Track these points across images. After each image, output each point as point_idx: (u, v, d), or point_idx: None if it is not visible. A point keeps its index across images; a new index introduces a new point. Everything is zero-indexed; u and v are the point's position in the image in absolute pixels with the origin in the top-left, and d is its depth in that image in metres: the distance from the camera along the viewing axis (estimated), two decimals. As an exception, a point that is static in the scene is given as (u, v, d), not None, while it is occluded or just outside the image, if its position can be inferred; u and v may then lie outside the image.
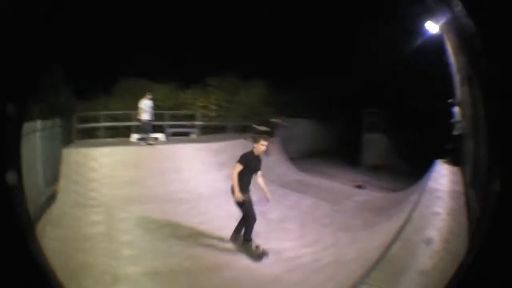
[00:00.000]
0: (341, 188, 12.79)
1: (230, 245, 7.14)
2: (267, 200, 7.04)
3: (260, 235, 7.40)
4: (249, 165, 6.91)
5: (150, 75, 16.81)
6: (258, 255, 6.65)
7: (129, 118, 15.54)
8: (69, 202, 9.23)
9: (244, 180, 6.82)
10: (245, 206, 6.80)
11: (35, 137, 9.02)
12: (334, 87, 19.94)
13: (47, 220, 7.98)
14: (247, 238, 6.90)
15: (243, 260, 6.55)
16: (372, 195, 11.76)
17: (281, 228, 8.37)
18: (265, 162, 12.32)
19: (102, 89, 16.34)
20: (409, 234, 5.61)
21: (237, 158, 6.90)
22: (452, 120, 10.50)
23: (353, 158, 19.02)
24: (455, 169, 9.52)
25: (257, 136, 7.91)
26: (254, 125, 17.23)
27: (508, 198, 1.29)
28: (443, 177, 8.48)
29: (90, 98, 15.94)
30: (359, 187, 13.11)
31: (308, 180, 13.96)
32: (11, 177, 1.27)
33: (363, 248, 6.50)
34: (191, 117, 17.50)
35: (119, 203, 9.51)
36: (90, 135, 15.32)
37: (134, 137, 14.40)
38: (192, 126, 17.05)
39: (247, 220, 6.91)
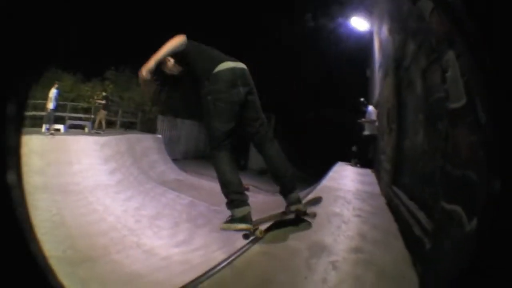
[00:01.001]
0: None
1: (104, 240, 7.20)
2: None
3: (133, 232, 7.70)
4: None
5: (66, 64, 17.04)
6: None
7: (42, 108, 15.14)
8: None
9: None
10: None
11: None
12: None
13: None
14: None
15: (114, 255, 6.61)
16: (256, 197, 11.27)
17: (153, 225, 8.46)
18: (146, 160, 12.44)
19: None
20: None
21: (119, 153, 7.09)
22: (362, 120, 10.91)
23: (240, 162, 19.02)
24: (364, 170, 9.94)
25: None
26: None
27: (508, 198, 1.23)
28: (344, 178, 8.46)
29: None
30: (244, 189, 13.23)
31: (189, 180, 14.34)
32: (11, 177, 1.18)
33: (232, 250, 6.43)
34: (88, 110, 17.63)
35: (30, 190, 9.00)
36: None
37: (43, 127, 14.52)
38: (88, 119, 17.13)
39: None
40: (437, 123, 2.94)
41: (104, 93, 15.15)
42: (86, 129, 16.57)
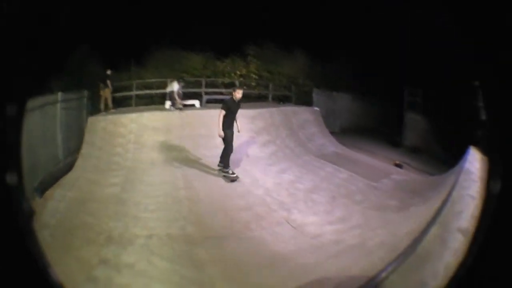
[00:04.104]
0: (380, 165, 11.81)
1: (246, 215, 6.56)
2: (238, 131, 8.93)
3: (284, 206, 7.03)
4: (230, 109, 8.58)
5: (186, 44, 16.97)
6: (231, 179, 8.48)
7: (162, 87, 15.65)
8: (88, 167, 9.25)
9: (227, 120, 8.50)
10: (226, 140, 8.53)
11: (55, 108, 9.32)
12: (377, 62, 18.74)
13: (58, 185, 7.87)
14: (224, 165, 8.69)
15: (254, 232, 5.94)
16: (410, 176, 10.73)
17: (308, 199, 7.61)
18: (304, 132, 12.14)
19: (134, 60, 16.55)
20: (446, 220, 4.63)
21: (273, 125, 9.46)
22: (479, 103, 9.57)
23: (394, 137, 18.07)
24: (484, 157, 8.47)
25: (234, 87, 9.81)
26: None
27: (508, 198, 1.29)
28: (477, 162, 7.37)
29: (123, 69, 16.05)
30: (397, 165, 12.27)
31: (347, 153, 13.29)
32: (11, 177, 1.28)
33: (392, 232, 5.60)
34: (230, 86, 17.29)
35: (142, 167, 9.53)
36: (123, 104, 15.41)
37: (167, 103, 14.54)
38: (230, 94, 16.99)
39: (226, 149, 8.67)
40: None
41: (108, 71, 14.95)
42: None
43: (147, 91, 16.05)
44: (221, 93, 16.80)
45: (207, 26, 16.93)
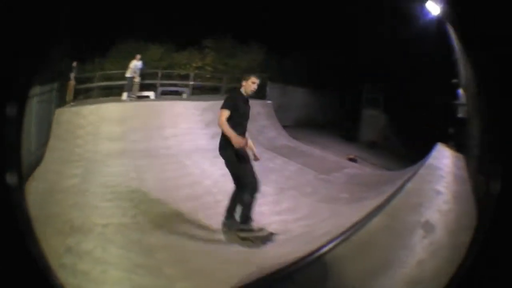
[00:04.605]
0: (333, 159, 12.00)
1: (193, 205, 6.68)
2: (257, 159, 5.55)
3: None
4: (238, 109, 5.14)
5: (147, 36, 17.42)
6: (263, 237, 5.23)
7: (122, 78, 15.89)
8: (54, 159, 9.50)
9: (235, 129, 4.95)
10: (237, 169, 5.28)
11: (33, 102, 9.40)
12: (334, 57, 19.30)
13: (33, 177, 8.12)
14: (243, 219, 5.29)
15: (201, 222, 6.03)
16: (364, 170, 11.00)
17: None
18: (255, 125, 12.17)
19: (99, 52, 16.80)
20: (397, 211, 4.70)
21: None
22: (456, 102, 9.87)
23: (349, 132, 18.48)
24: (458, 155, 8.89)
25: (245, 74, 5.59)
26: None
27: (508, 198, 1.29)
28: (446, 158, 7.44)
29: (88, 61, 16.42)
30: (351, 160, 12.47)
31: (299, 147, 13.57)
32: (11, 177, 1.25)
33: (340, 223, 5.44)
34: (185, 78, 18.04)
35: (100, 158, 9.80)
36: (86, 96, 15.82)
37: (124, 95, 15.02)
38: (185, 86, 17.59)
39: (242, 189, 5.26)
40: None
41: (74, 63, 15.11)
42: (184, 95, 16.93)
43: (108, 83, 16.32)
44: (176, 85, 17.47)
45: (168, 17, 17.22)
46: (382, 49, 17.71)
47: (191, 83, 17.94)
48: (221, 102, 5.04)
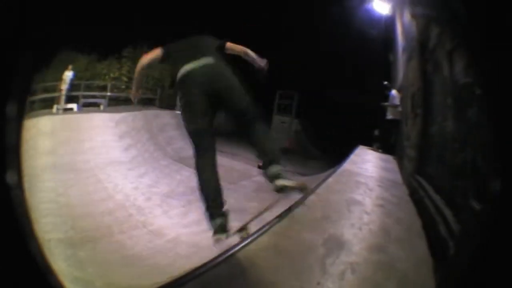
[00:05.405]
0: (242, 167, 12.24)
1: (108, 220, 7.03)
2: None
3: (141, 210, 7.58)
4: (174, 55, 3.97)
5: (82, 46, 17.42)
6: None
7: (55, 90, 15.71)
8: None
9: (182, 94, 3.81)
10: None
11: None
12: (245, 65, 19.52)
13: None
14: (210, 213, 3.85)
15: (117, 236, 6.47)
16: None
17: (164, 203, 8.24)
18: (164, 136, 12.35)
19: (42, 63, 15.96)
20: (291, 229, 3.58)
21: (135, 129, 6.50)
22: (385, 104, 10.50)
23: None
24: (386, 156, 9.47)
25: None
26: None
27: (508, 198, 1.23)
28: (367, 162, 7.89)
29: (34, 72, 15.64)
30: (261, 167, 12.70)
31: None
32: (11, 177, 1.24)
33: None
34: (104, 89, 18.01)
35: (36, 173, 9.28)
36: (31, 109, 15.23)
37: (55, 107, 14.97)
38: (103, 97, 17.53)
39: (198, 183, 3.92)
40: (466, 110, 2.78)
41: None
42: (102, 107, 16.64)
43: (47, 95, 15.74)
44: (95, 96, 17.26)
45: (91, 27, 16.97)
46: (303, 55, 18.36)
47: (108, 94, 17.78)
48: (135, 113, 5.87)
